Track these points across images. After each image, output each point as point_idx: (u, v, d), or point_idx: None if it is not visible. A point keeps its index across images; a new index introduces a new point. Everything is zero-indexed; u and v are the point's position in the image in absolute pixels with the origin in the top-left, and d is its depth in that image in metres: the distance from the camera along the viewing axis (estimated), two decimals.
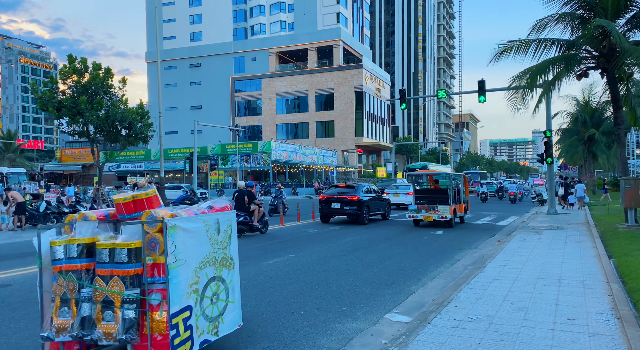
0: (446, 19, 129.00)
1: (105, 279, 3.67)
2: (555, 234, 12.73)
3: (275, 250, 10.38)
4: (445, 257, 9.83)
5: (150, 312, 3.63)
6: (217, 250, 4.21)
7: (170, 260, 3.65)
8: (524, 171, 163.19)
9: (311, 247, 10.92)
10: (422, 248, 11.01)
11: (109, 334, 3.58)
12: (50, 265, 3.83)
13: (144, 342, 3.62)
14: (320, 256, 9.67)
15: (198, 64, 79.07)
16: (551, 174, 20.57)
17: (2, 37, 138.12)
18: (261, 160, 52.71)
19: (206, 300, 4.02)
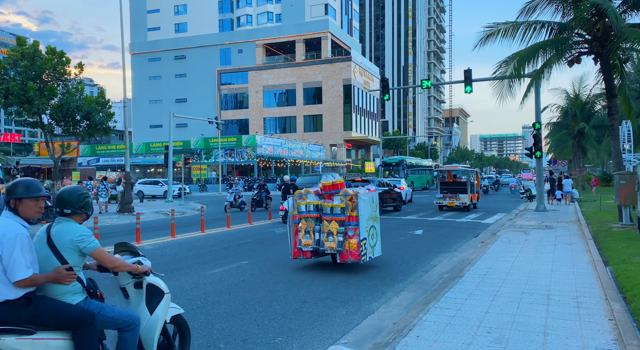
0: (436, 12, 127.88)
1: (329, 221, 7.60)
2: (544, 234, 11.65)
3: (228, 256, 9.15)
4: (420, 261, 8.67)
5: (349, 239, 7.45)
6: (373, 212, 8.01)
7: (361, 214, 7.50)
8: (513, 166, 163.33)
9: (271, 251, 9.71)
10: (397, 251, 9.85)
11: (331, 247, 7.50)
12: (297, 214, 7.83)
13: (345, 254, 7.46)
14: (278, 262, 8.46)
15: (183, 56, 77.12)
16: (540, 169, 19.54)
17: None
18: (245, 155, 51.31)
19: (370, 236, 7.77)
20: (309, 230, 7.72)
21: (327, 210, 7.68)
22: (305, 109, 70.32)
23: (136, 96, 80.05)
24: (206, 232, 12.96)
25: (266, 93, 72.39)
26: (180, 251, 9.78)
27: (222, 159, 51.81)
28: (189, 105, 73.60)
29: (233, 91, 74.38)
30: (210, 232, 13.10)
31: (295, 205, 7.92)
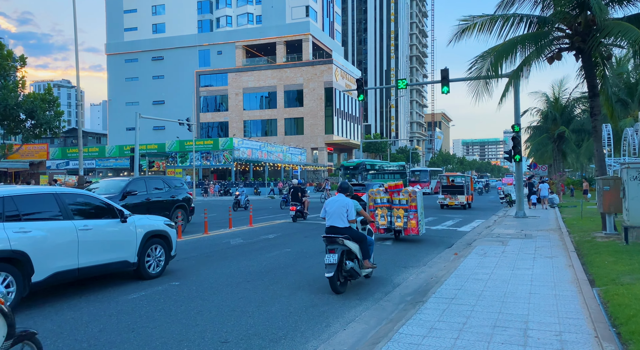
0: (419, 17, 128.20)
1: (397, 209, 11.79)
2: (523, 244, 10.67)
3: (159, 276, 7.89)
4: (382, 279, 7.56)
5: (410, 220, 11.65)
6: (422, 202, 12.05)
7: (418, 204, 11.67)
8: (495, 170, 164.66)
9: (212, 269, 8.48)
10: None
11: (399, 225, 11.75)
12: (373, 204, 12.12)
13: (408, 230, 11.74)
14: (215, 283, 7.25)
15: (161, 57, 75.34)
16: (520, 173, 18.71)
17: None
18: (222, 158, 49.82)
19: (422, 218, 11.91)
20: (383, 214, 12.00)
21: (396, 202, 11.94)
22: (287, 112, 69.15)
23: (112, 98, 77.84)
24: None
25: (246, 95, 71.00)
26: None
27: (198, 163, 50.24)
28: (166, 108, 71.70)
29: (212, 93, 72.81)
30: None
31: (371, 198, 12.20)
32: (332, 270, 6.39)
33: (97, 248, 6.67)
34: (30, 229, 5.85)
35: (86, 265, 6.45)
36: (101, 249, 6.73)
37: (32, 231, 5.85)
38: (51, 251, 6.02)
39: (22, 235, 5.73)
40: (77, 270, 6.32)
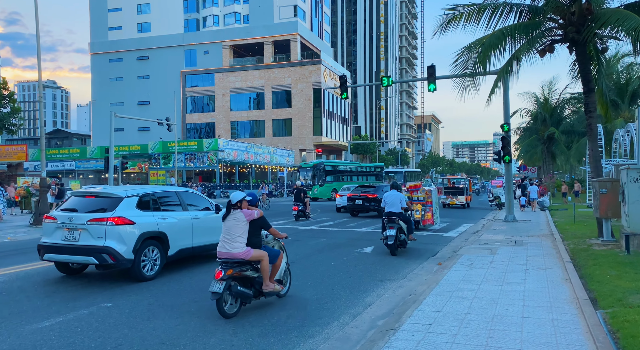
0: (408, 18, 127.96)
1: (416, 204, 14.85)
2: (513, 253, 9.73)
3: (93, 293, 6.79)
4: (352, 297, 6.55)
5: (426, 214, 14.93)
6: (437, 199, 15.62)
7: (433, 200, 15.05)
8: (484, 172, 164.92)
9: (158, 287, 7.41)
10: (331, 279, 7.71)
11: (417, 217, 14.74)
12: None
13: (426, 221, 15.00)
14: (155, 306, 6.18)
15: (146, 56, 73.78)
16: (509, 175, 17.85)
17: None
18: (207, 160, 48.54)
19: (436, 211, 15.29)
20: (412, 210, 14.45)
21: (415, 198, 14.85)
22: (274, 113, 68.04)
23: (96, 98, 76.11)
24: None
25: (233, 96, 69.77)
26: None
27: (182, 164, 48.93)
28: (152, 108, 70.16)
29: (199, 94, 71.47)
30: None
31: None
32: (392, 239, 9.95)
33: (203, 232, 8.77)
34: (167, 217, 8.11)
35: (197, 245, 8.69)
36: (205, 233, 8.79)
37: (168, 218, 8.09)
38: (178, 233, 8.21)
39: (163, 221, 7.97)
40: (192, 248, 8.57)
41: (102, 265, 7.13)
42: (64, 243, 7.21)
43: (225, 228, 5.75)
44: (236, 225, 5.70)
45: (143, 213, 7.67)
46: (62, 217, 7.38)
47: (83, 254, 7.09)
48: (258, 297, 5.86)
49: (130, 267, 7.22)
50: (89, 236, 7.12)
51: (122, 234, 7.18)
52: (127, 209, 7.46)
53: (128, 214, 7.40)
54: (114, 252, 7.02)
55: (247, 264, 5.69)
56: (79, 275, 7.98)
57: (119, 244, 7.11)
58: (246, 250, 5.66)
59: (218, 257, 5.71)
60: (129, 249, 7.18)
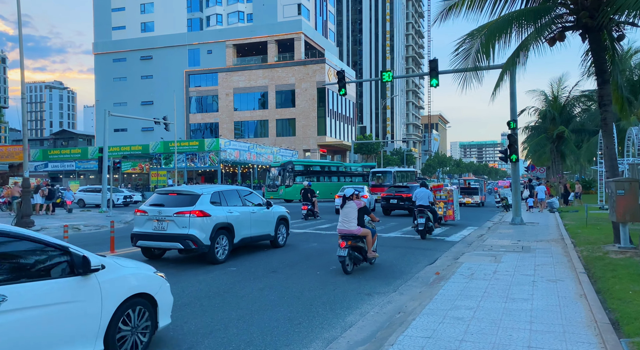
0: (415, 17, 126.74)
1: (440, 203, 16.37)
2: (520, 261, 8.79)
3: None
4: (332, 315, 5.65)
5: (449, 209, 16.49)
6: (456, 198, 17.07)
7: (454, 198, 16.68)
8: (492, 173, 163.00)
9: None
10: (312, 291, 6.83)
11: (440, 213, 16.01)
12: None
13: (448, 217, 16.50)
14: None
15: (150, 56, 73.33)
16: (516, 175, 16.85)
17: None
18: (208, 160, 47.83)
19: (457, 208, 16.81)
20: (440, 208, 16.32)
21: (438, 197, 16.27)
22: (278, 113, 67.25)
23: (100, 98, 75.77)
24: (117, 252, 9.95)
25: (237, 96, 69.09)
26: None
27: (183, 164, 48.28)
28: (155, 108, 69.60)
29: (202, 93, 70.90)
30: None
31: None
32: (422, 226, 12.55)
33: (259, 224, 10.41)
34: (233, 211, 9.62)
35: (254, 235, 10.27)
36: (260, 225, 10.46)
37: (233, 212, 9.61)
38: (241, 225, 9.73)
39: (230, 214, 9.48)
40: (250, 237, 10.02)
41: (186, 250, 8.75)
42: (154, 232, 8.83)
43: (343, 213, 8.34)
44: (351, 211, 8.28)
45: (215, 207, 9.25)
46: (151, 210, 8.98)
47: (170, 241, 8.70)
48: (362, 262, 8.43)
49: (207, 251, 8.78)
50: (175, 226, 8.70)
51: (202, 224, 8.71)
52: (204, 204, 9.03)
53: (205, 208, 8.97)
54: (196, 239, 8.55)
55: (358, 237, 8.22)
56: (159, 259, 9.57)
57: (200, 232, 8.64)
58: (358, 228, 8.21)
59: (338, 232, 8.29)
60: (207, 237, 8.72)
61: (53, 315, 3.41)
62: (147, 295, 4.25)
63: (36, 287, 3.33)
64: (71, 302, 3.54)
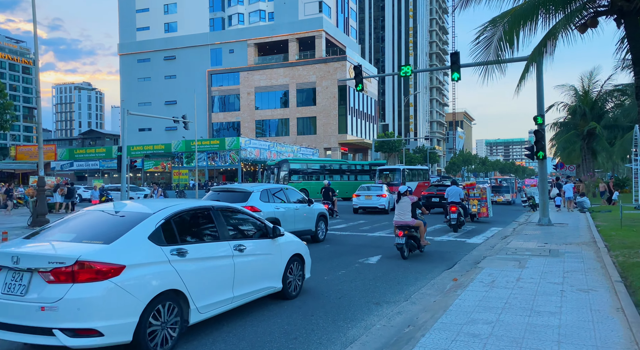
0: (439, 13, 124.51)
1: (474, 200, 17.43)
2: (547, 266, 8.05)
3: None
4: (334, 328, 5.12)
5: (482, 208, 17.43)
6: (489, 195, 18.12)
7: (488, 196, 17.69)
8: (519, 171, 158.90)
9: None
10: (318, 299, 6.30)
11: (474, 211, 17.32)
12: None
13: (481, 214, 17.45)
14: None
15: (173, 56, 74.17)
16: (543, 173, 15.92)
17: None
18: (229, 158, 47.91)
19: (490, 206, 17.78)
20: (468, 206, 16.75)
21: (472, 195, 17.25)
22: (299, 111, 66.96)
23: (125, 98, 76.98)
24: None
25: (258, 94, 69.15)
26: None
27: (204, 163, 48.50)
28: (178, 108, 70.32)
29: (224, 93, 71.26)
30: None
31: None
32: (455, 220, 13.98)
33: (301, 220, 11.34)
34: (279, 207, 10.73)
35: (297, 230, 10.66)
36: (302, 220, 11.35)
37: (280, 208, 10.73)
38: (286, 219, 10.56)
39: (277, 210, 10.61)
40: (294, 232, 9.34)
41: None
42: None
43: (398, 207, 9.72)
44: (405, 205, 9.66)
45: (264, 203, 10.28)
46: None
47: None
48: (416, 249, 9.88)
49: None
50: None
51: None
52: (254, 200, 10.06)
53: (256, 204, 9.93)
54: None
55: (412, 228, 9.59)
56: None
57: None
58: (413, 219, 9.57)
59: (395, 224, 9.65)
60: None
61: (261, 260, 5.75)
62: (300, 255, 6.62)
63: (254, 243, 5.74)
64: (268, 254, 5.90)
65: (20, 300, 3.83)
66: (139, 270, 4.09)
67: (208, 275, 4.79)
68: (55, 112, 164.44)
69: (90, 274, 3.83)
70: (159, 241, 4.42)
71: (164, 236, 4.50)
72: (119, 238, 4.20)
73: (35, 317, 3.75)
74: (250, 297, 5.51)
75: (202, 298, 4.66)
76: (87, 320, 3.74)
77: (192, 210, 5.12)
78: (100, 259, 3.90)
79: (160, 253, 4.35)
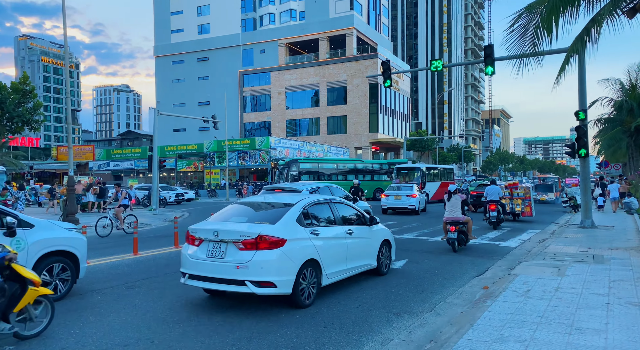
0: (474, 8, 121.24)
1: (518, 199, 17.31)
2: (590, 274, 7.31)
3: None
4: (348, 342, 4.67)
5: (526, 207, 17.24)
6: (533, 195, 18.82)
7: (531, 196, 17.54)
8: (559, 170, 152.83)
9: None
10: (333, 308, 5.87)
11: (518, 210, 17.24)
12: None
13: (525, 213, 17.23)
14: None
15: (206, 57, 75.37)
16: (585, 172, 14.87)
17: (26, 37, 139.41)
18: (259, 158, 48.09)
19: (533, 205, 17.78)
20: (506, 203, 16.36)
21: (516, 194, 17.26)
22: (329, 110, 66.60)
23: (160, 99, 78.66)
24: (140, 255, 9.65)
25: (289, 94, 69.27)
26: None
27: (235, 163, 48.88)
28: (211, 108, 71.29)
29: (255, 93, 71.78)
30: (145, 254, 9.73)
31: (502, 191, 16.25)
32: (494, 218, 14.51)
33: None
34: None
35: None
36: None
37: None
38: None
39: None
40: None
41: None
42: None
43: (450, 204, 10.57)
44: (456, 203, 10.49)
45: None
46: None
47: None
48: (465, 243, 10.67)
49: None
50: None
51: None
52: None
53: None
54: None
55: (462, 223, 10.40)
56: None
57: None
58: (462, 216, 10.43)
59: (446, 220, 10.45)
60: None
61: (363, 242, 7.25)
62: (388, 240, 8.09)
63: (357, 228, 7.19)
64: (367, 238, 7.42)
65: (220, 261, 5.57)
66: (294, 243, 5.76)
67: (332, 250, 6.42)
68: (96, 113, 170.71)
69: (267, 244, 5.52)
70: (302, 224, 6.14)
71: (304, 220, 6.20)
72: (279, 221, 5.90)
73: (233, 273, 5.46)
74: (356, 271, 7.08)
75: (329, 267, 6.29)
76: (267, 276, 5.43)
77: (319, 201, 6.82)
78: (273, 234, 5.59)
79: (304, 232, 6.05)
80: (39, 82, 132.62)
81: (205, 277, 5.63)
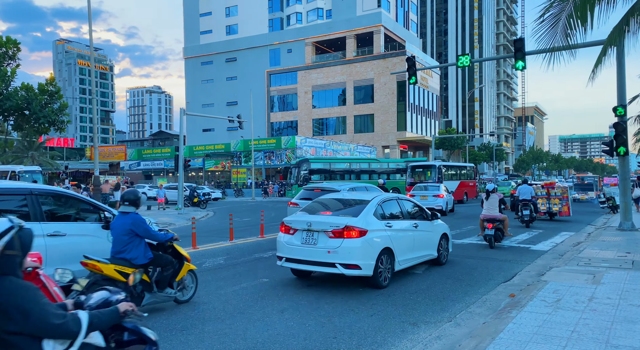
0: (507, 3, 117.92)
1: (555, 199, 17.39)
2: (629, 282, 6.72)
3: None
4: None
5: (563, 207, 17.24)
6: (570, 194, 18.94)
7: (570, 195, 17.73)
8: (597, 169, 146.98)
9: None
10: (346, 317, 5.56)
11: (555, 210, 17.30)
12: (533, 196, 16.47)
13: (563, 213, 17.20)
14: None
15: (234, 58, 76.09)
16: (625, 171, 13.98)
17: (63, 41, 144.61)
18: (285, 157, 48.10)
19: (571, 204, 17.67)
20: (543, 203, 17.22)
21: (553, 194, 17.29)
22: (356, 109, 66.06)
23: (189, 100, 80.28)
24: None
25: (315, 93, 69.12)
26: None
27: (261, 162, 49.07)
28: (239, 108, 72.01)
29: (282, 92, 71.98)
30: None
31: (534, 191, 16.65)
32: (527, 216, 15.02)
33: None
34: None
35: None
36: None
37: None
38: None
39: None
40: None
41: None
42: None
43: (488, 203, 11.11)
44: (494, 201, 11.03)
45: None
46: (301, 202, 11.49)
47: None
48: (501, 240, 11.19)
49: None
50: None
51: None
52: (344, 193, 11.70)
53: None
54: None
55: (498, 221, 10.92)
56: None
57: None
58: (500, 214, 10.96)
59: (483, 218, 10.95)
60: None
61: (426, 235, 8.16)
62: (446, 234, 8.91)
63: (421, 222, 8.09)
64: (429, 231, 8.28)
65: (313, 247, 6.69)
66: (373, 233, 6.75)
67: (402, 240, 7.36)
68: (129, 114, 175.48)
69: (352, 233, 6.53)
70: (378, 217, 7.10)
71: (379, 214, 7.16)
72: (360, 214, 6.92)
73: (325, 256, 6.56)
74: (420, 260, 8.01)
75: (400, 255, 7.21)
76: (353, 259, 6.47)
77: (389, 198, 7.85)
78: (357, 225, 6.60)
79: (380, 224, 7.02)
80: (75, 85, 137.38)
81: (300, 259, 6.77)
